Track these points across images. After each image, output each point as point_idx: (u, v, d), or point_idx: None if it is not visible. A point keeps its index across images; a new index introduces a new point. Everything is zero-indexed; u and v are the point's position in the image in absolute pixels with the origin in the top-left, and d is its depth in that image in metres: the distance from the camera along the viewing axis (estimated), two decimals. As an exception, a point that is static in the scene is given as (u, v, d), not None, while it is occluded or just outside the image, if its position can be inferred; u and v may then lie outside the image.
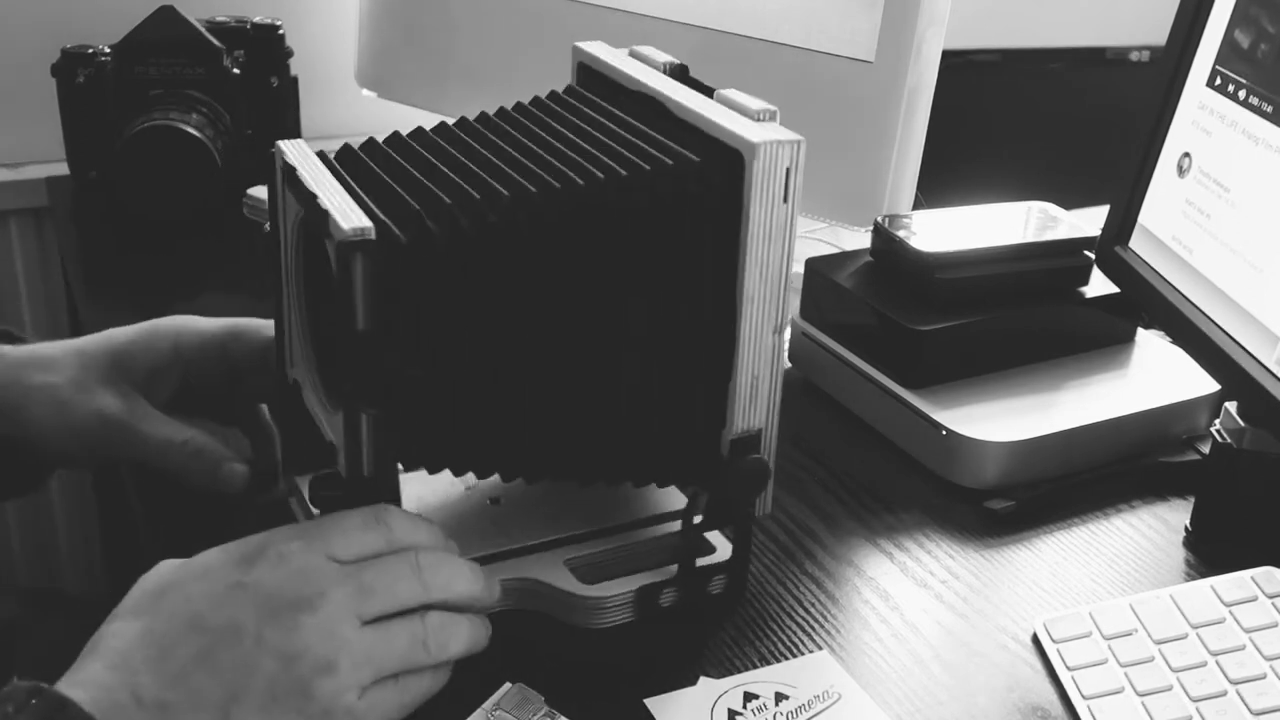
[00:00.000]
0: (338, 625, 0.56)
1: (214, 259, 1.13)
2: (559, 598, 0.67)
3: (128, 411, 0.71)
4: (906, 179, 0.99)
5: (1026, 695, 0.67)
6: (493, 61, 1.17)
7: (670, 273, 0.64)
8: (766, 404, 0.67)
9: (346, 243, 0.56)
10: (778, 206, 0.63)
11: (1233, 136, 0.79)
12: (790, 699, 0.65)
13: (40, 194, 1.31)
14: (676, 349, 0.65)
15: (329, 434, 0.64)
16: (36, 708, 0.51)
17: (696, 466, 0.68)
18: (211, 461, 0.71)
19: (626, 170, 0.62)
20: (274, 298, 0.67)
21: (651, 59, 0.73)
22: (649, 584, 0.68)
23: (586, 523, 0.71)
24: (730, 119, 0.64)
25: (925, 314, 0.88)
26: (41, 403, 0.71)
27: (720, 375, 0.66)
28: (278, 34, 1.22)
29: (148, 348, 0.73)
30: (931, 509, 0.82)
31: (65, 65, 1.18)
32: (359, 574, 0.58)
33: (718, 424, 0.67)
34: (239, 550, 0.58)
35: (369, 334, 0.58)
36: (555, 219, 0.61)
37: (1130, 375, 0.92)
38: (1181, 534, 0.80)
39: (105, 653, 0.55)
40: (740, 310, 0.64)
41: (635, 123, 0.67)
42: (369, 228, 0.56)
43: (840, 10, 0.96)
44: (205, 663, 0.54)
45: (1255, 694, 0.63)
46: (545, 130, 0.67)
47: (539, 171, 0.62)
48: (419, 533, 0.61)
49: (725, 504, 0.69)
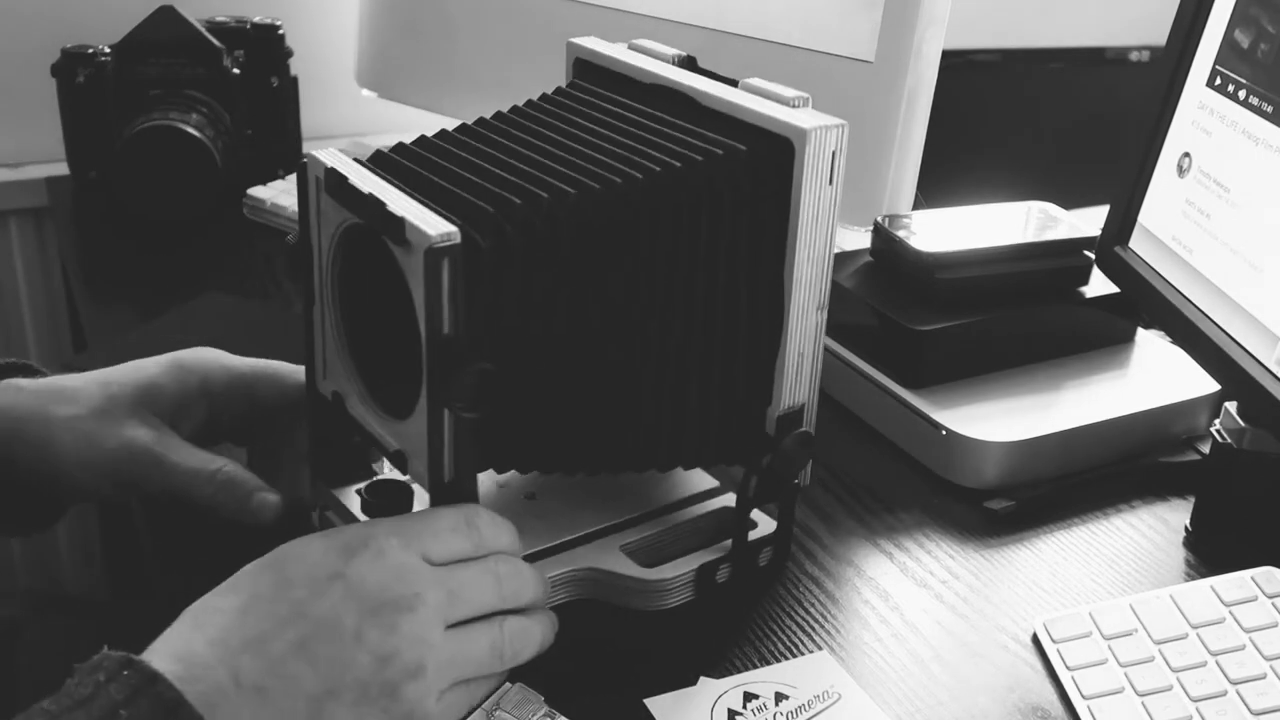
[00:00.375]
0: (428, 629, 0.57)
1: (214, 259, 1.13)
2: (622, 583, 0.69)
3: (156, 441, 0.70)
4: (906, 179, 0.99)
5: (1026, 695, 0.67)
6: (492, 61, 1.17)
7: (724, 259, 0.65)
8: (809, 379, 0.69)
9: (435, 249, 0.56)
10: (824, 189, 0.65)
11: (1233, 136, 0.79)
12: (790, 699, 0.65)
13: (40, 194, 1.31)
14: (728, 332, 0.67)
15: (391, 442, 0.63)
16: (128, 679, 0.51)
17: (744, 445, 0.70)
18: (243, 491, 0.70)
19: (680, 163, 0.63)
20: (304, 310, 0.66)
21: (655, 51, 0.73)
22: (708, 562, 0.70)
23: (627, 510, 0.72)
24: (770, 107, 0.66)
25: (925, 314, 0.88)
26: (67, 435, 0.70)
27: (768, 354, 0.68)
28: (278, 34, 1.22)
29: (176, 381, 0.72)
30: (931, 509, 0.82)
31: (65, 65, 1.18)
32: (449, 579, 0.58)
33: (764, 401, 0.69)
34: (340, 539, 0.58)
35: (455, 338, 0.58)
36: (622, 215, 0.62)
37: (1130, 375, 0.92)
38: (1181, 534, 0.80)
39: (205, 626, 0.55)
40: (789, 291, 0.66)
41: (664, 115, 0.68)
42: (454, 232, 0.56)
43: (840, 10, 0.96)
44: (303, 652, 0.54)
45: (1255, 694, 0.63)
46: (575, 127, 0.67)
47: (592, 168, 0.63)
48: (502, 538, 0.62)
49: (775, 478, 0.70)
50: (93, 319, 1.05)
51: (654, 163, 0.63)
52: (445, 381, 0.58)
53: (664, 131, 0.66)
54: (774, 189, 0.65)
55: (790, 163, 0.64)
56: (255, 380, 0.73)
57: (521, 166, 0.63)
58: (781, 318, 0.67)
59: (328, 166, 0.62)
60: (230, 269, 1.11)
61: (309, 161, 0.63)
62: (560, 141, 0.66)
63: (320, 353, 0.67)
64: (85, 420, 0.70)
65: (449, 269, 0.56)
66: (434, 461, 0.60)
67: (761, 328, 0.67)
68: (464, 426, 0.60)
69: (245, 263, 1.12)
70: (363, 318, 0.65)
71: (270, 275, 1.09)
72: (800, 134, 0.63)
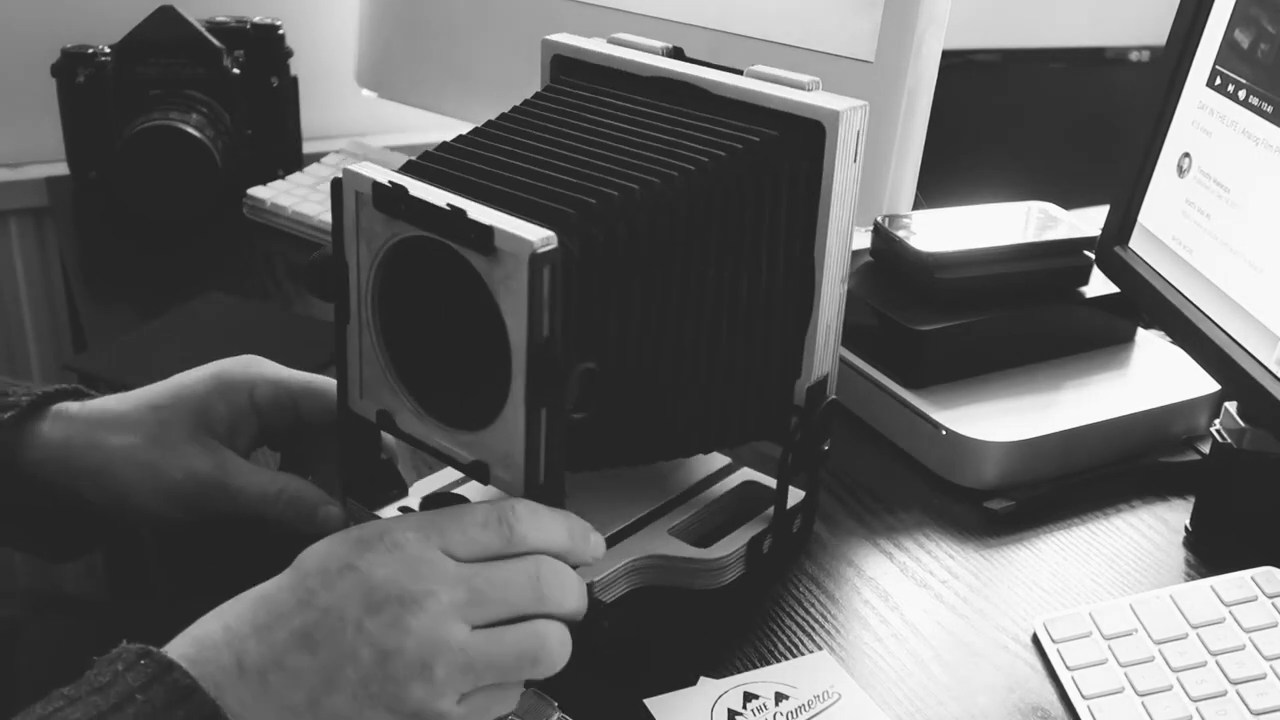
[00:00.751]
0: (441, 628, 0.55)
1: (214, 259, 1.13)
2: (685, 566, 0.71)
3: (219, 468, 0.69)
4: (906, 179, 0.99)
5: (1026, 695, 0.67)
6: (492, 61, 1.17)
7: (767, 241, 0.67)
8: (834, 350, 0.73)
9: (539, 254, 0.56)
10: (850, 166, 0.68)
11: (1233, 136, 0.79)
12: (790, 699, 0.65)
13: (40, 194, 1.31)
14: (768, 310, 0.69)
15: (463, 455, 0.62)
16: (144, 668, 0.52)
17: (774, 419, 0.72)
18: (308, 506, 0.69)
19: (725, 152, 0.65)
20: (337, 330, 0.64)
21: (642, 44, 0.74)
22: (756, 535, 0.72)
23: (657, 496, 0.74)
24: (790, 93, 0.68)
25: (925, 314, 0.88)
26: (129, 467, 0.69)
27: (799, 328, 0.71)
28: (278, 34, 1.22)
29: (225, 400, 0.71)
30: (931, 509, 0.82)
31: (65, 65, 1.18)
32: (473, 577, 0.56)
33: (794, 374, 0.72)
34: (359, 533, 0.57)
35: (552, 342, 0.58)
36: (688, 208, 0.63)
37: (1130, 375, 0.92)
38: (1181, 534, 0.80)
39: (226, 613, 0.55)
40: (821, 265, 0.69)
41: (679, 106, 0.69)
42: (552, 237, 0.56)
43: (840, 10, 0.96)
44: (305, 641, 0.54)
45: (1255, 694, 0.63)
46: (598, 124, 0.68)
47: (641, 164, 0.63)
48: (547, 536, 0.59)
49: (807, 447, 0.73)
50: (93, 319, 1.05)
51: (699, 154, 0.64)
52: (553, 385, 0.58)
53: (690, 123, 0.67)
54: (807, 169, 0.67)
55: (820, 144, 0.67)
56: (301, 395, 0.72)
57: (567, 166, 0.63)
58: (812, 292, 0.70)
59: (375, 180, 0.60)
60: (230, 269, 1.11)
61: (345, 177, 0.61)
62: (590, 139, 0.66)
63: (357, 372, 0.65)
64: (144, 450, 0.69)
65: (549, 274, 0.56)
66: (531, 466, 0.59)
67: (794, 301, 0.70)
68: (556, 428, 0.59)
69: (245, 263, 1.12)
70: (407, 333, 0.63)
71: (270, 275, 1.09)
72: (832, 116, 0.66)
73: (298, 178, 1.21)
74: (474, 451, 0.62)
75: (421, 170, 0.63)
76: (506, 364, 0.58)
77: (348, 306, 0.64)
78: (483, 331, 0.58)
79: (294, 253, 1.13)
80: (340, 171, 0.61)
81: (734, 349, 0.68)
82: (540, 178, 0.62)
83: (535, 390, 0.58)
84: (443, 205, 0.58)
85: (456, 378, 0.62)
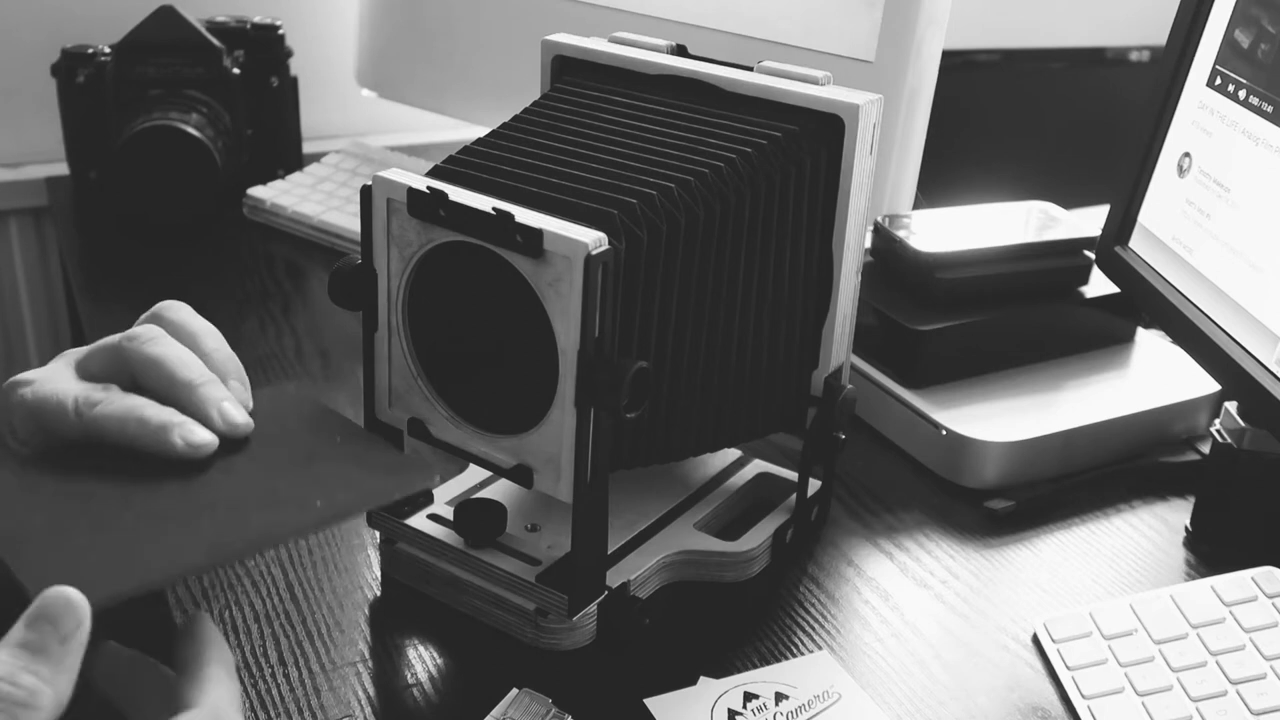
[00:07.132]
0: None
1: (214, 259, 1.13)
2: (715, 560, 0.72)
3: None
4: (906, 179, 0.99)
5: (1026, 695, 0.67)
6: (492, 61, 1.17)
7: (790, 235, 0.68)
8: (849, 339, 0.74)
9: (594, 256, 0.56)
10: (867, 158, 0.69)
11: (1233, 136, 0.79)
12: (790, 699, 0.65)
13: (40, 194, 1.31)
14: (791, 303, 0.70)
15: (504, 460, 0.62)
16: None
17: (791, 411, 0.73)
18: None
19: (751, 148, 0.65)
20: (365, 338, 0.64)
21: (645, 43, 0.74)
22: (780, 525, 0.74)
23: (675, 493, 0.75)
24: (806, 88, 0.69)
25: (925, 314, 0.88)
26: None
27: (818, 319, 0.72)
28: (278, 34, 1.22)
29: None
30: (931, 509, 0.82)
31: (65, 65, 1.18)
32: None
33: (810, 366, 0.73)
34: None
35: (604, 342, 0.58)
36: (723, 205, 0.64)
37: (1130, 375, 0.92)
38: (1181, 534, 0.80)
39: None
40: (839, 256, 0.70)
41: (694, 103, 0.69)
42: (603, 238, 0.57)
43: (840, 10, 0.96)
44: None
45: (1255, 694, 0.63)
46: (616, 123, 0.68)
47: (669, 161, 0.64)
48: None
49: (824, 437, 0.74)
50: (93, 319, 1.05)
51: (727, 150, 0.65)
52: (606, 386, 0.58)
53: (709, 119, 0.67)
54: (827, 162, 0.68)
55: (835, 137, 0.68)
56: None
57: (597, 167, 0.63)
58: (831, 284, 0.71)
59: (411, 187, 0.59)
60: (230, 269, 1.11)
61: (375, 184, 0.61)
62: (613, 139, 0.66)
63: (385, 380, 0.65)
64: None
65: (603, 275, 0.57)
66: (580, 467, 0.60)
67: (812, 293, 0.71)
68: (604, 429, 0.59)
69: (245, 263, 1.12)
70: (440, 340, 0.63)
71: (270, 275, 1.09)
72: (852, 110, 0.67)
73: (298, 178, 1.21)
74: (516, 456, 0.61)
75: (450, 175, 0.62)
76: (552, 366, 0.58)
77: (375, 314, 0.63)
78: (525, 335, 0.58)
79: (294, 253, 1.13)
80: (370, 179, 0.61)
81: (760, 342, 0.69)
82: (573, 179, 0.62)
83: (587, 391, 0.58)
84: (488, 210, 0.57)
85: (495, 382, 0.62)
